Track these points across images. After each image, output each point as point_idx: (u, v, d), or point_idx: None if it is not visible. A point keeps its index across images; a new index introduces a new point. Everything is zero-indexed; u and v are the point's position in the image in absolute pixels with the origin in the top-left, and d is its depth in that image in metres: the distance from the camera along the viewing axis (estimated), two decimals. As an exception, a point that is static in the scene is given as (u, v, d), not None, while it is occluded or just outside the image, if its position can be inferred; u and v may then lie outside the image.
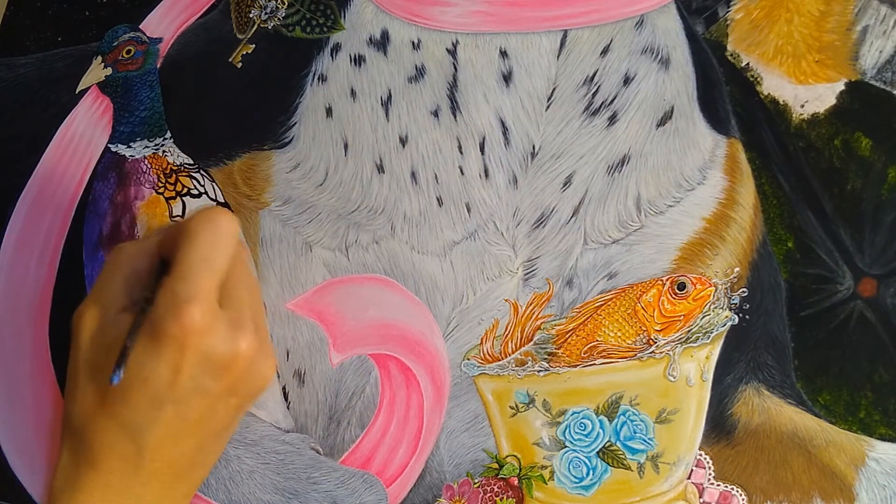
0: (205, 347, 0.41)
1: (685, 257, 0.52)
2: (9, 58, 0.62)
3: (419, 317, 0.54)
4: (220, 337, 0.41)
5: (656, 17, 0.55)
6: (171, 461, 0.43)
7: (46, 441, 0.56)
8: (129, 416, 0.41)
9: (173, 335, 0.40)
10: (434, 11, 0.57)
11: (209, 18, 0.60)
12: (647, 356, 0.51)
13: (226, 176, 0.58)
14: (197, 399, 0.42)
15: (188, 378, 0.41)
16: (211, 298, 0.42)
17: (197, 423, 0.42)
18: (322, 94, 0.57)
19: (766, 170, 0.52)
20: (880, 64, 0.52)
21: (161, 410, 0.41)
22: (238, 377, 0.43)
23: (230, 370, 0.42)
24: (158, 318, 0.41)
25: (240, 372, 0.43)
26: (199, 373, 0.41)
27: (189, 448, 0.43)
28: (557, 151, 0.54)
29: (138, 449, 0.42)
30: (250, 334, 0.43)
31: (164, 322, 0.40)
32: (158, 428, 0.41)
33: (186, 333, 0.40)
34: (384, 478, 0.53)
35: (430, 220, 0.55)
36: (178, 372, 0.41)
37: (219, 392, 0.42)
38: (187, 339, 0.40)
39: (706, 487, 0.50)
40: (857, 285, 0.51)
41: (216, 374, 0.42)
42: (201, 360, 0.41)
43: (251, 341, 0.43)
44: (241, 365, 0.42)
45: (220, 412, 0.43)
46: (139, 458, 0.42)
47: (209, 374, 0.42)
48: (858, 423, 0.50)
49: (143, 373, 0.41)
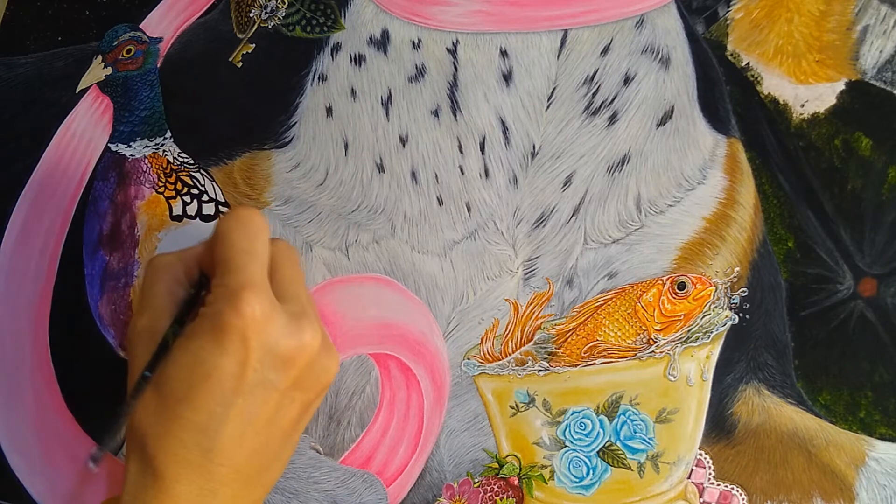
0: (267, 338, 0.40)
1: (685, 257, 0.52)
2: (9, 57, 0.62)
3: (419, 316, 0.54)
4: (282, 327, 0.40)
5: (656, 17, 0.55)
6: (240, 465, 0.41)
7: (47, 445, 0.56)
8: (194, 418, 0.40)
9: (234, 326, 0.39)
10: (434, 11, 0.57)
11: (209, 18, 0.60)
12: (647, 356, 0.51)
13: (226, 175, 0.58)
14: (263, 394, 0.40)
15: (253, 372, 0.40)
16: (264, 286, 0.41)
17: (264, 422, 0.41)
18: (322, 94, 0.57)
19: (767, 169, 0.52)
20: (880, 64, 0.52)
21: (227, 408, 0.40)
22: (303, 371, 0.41)
23: (295, 363, 0.41)
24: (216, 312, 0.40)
25: (305, 365, 0.41)
26: (263, 366, 0.40)
27: (257, 450, 0.42)
28: (558, 151, 0.54)
29: (205, 452, 0.40)
30: (314, 326, 0.42)
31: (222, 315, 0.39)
32: (225, 428, 0.40)
33: (247, 322, 0.39)
34: (384, 477, 0.53)
35: (431, 220, 0.55)
36: (243, 365, 0.40)
37: (284, 387, 0.41)
38: (248, 328, 0.39)
39: (706, 487, 0.50)
40: (857, 285, 0.51)
41: (281, 367, 0.41)
42: (265, 352, 0.40)
43: (315, 332, 0.41)
44: (306, 358, 0.41)
45: (286, 409, 0.42)
46: (207, 462, 0.40)
47: (274, 367, 0.40)
48: (858, 423, 0.50)
49: (205, 369, 0.39)
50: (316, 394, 0.43)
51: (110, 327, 0.57)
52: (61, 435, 0.56)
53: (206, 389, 0.40)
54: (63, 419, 0.56)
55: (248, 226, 0.42)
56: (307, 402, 0.43)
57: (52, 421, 0.56)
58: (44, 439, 0.56)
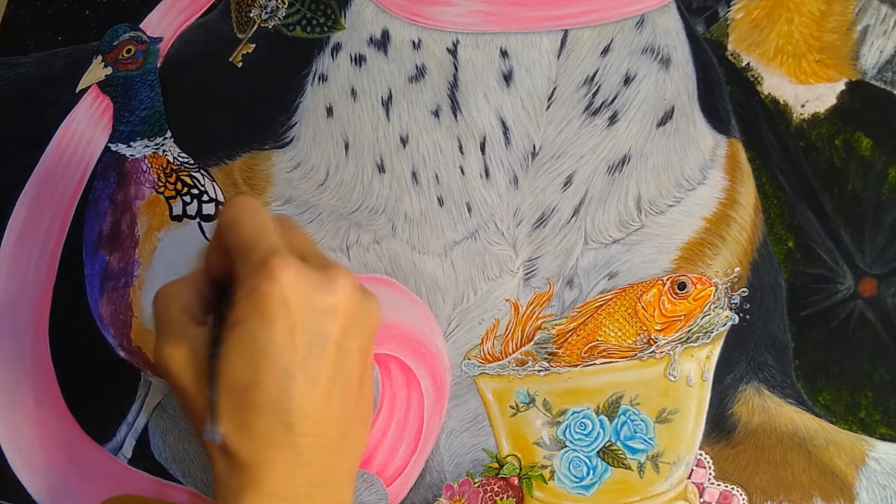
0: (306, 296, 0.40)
1: (685, 257, 0.52)
2: (9, 57, 0.62)
3: (420, 316, 0.54)
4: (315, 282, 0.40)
5: (657, 17, 0.55)
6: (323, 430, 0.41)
7: (47, 445, 0.56)
8: (265, 399, 0.39)
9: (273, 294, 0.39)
10: (434, 11, 0.57)
11: (209, 18, 0.60)
12: (647, 356, 0.51)
13: (226, 175, 0.58)
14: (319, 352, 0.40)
15: (303, 332, 0.40)
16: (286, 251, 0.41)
17: (330, 379, 0.41)
18: (323, 94, 0.57)
19: (767, 169, 0.52)
20: (881, 64, 0.52)
21: (292, 377, 0.39)
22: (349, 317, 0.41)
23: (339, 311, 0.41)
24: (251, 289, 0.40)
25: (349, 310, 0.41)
26: (311, 324, 0.40)
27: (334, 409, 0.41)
28: (558, 151, 0.54)
29: (286, 427, 0.40)
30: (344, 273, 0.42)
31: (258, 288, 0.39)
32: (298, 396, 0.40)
33: (284, 286, 0.39)
34: (384, 477, 0.53)
35: (431, 220, 0.55)
36: (292, 330, 0.39)
37: (336, 338, 0.41)
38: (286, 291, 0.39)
39: (706, 487, 0.50)
40: (857, 285, 0.51)
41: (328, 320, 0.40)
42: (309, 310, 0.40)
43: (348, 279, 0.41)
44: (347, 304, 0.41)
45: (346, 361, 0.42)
46: (291, 436, 0.40)
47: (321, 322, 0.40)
48: (859, 423, 0.50)
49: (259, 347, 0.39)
50: (367, 338, 0.43)
51: (110, 327, 0.57)
52: (61, 435, 0.56)
53: (268, 366, 0.39)
54: (63, 419, 0.56)
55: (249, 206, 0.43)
56: (363, 348, 0.43)
57: (52, 421, 0.56)
58: (44, 439, 0.56)
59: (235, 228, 0.42)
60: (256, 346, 0.39)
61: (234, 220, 0.42)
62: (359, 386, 0.43)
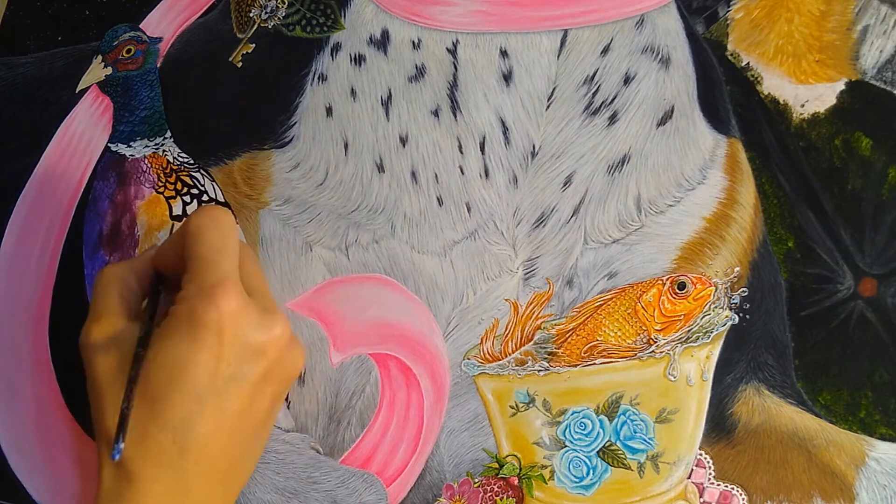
0: (241, 331, 0.40)
1: (685, 257, 0.52)
2: (9, 57, 0.62)
3: (419, 316, 0.54)
4: (254, 321, 0.41)
5: (656, 17, 0.55)
6: (213, 461, 0.42)
7: (47, 445, 0.56)
8: (171, 417, 0.40)
9: (210, 321, 0.40)
10: (434, 11, 0.57)
11: (209, 18, 0.60)
12: (647, 356, 0.51)
13: (226, 175, 0.58)
14: (236, 388, 0.41)
15: (227, 365, 0.40)
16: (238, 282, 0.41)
17: (237, 415, 0.41)
18: (322, 94, 0.57)
19: (767, 169, 0.52)
20: (881, 64, 0.52)
21: (203, 404, 0.40)
22: (273, 363, 0.42)
23: (266, 355, 0.42)
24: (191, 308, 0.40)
25: (275, 357, 0.42)
26: (237, 360, 0.41)
27: (230, 445, 0.42)
28: (558, 151, 0.54)
29: (181, 451, 0.40)
30: (283, 319, 0.42)
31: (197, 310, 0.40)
32: (201, 424, 0.40)
33: (223, 316, 0.40)
34: (384, 477, 0.53)
35: (431, 220, 0.55)
36: (218, 360, 0.40)
37: (255, 379, 0.42)
38: (224, 322, 0.40)
39: (706, 487, 0.50)
40: (857, 285, 0.51)
41: (253, 360, 0.41)
42: (239, 346, 0.41)
43: (285, 326, 0.42)
44: (276, 350, 0.42)
45: (257, 402, 0.42)
46: (182, 461, 0.41)
47: (246, 360, 0.41)
48: (859, 423, 0.50)
49: (181, 366, 0.40)
50: (284, 386, 0.44)
51: (110, 327, 0.57)
52: (61, 435, 0.56)
53: (182, 386, 0.40)
54: (63, 419, 0.56)
55: (220, 224, 0.43)
56: (276, 394, 0.44)
57: (52, 421, 0.56)
58: (44, 439, 0.56)
59: (198, 240, 0.42)
60: (178, 364, 0.40)
61: (199, 230, 0.43)
62: (261, 427, 0.44)
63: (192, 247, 0.42)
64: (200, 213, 0.43)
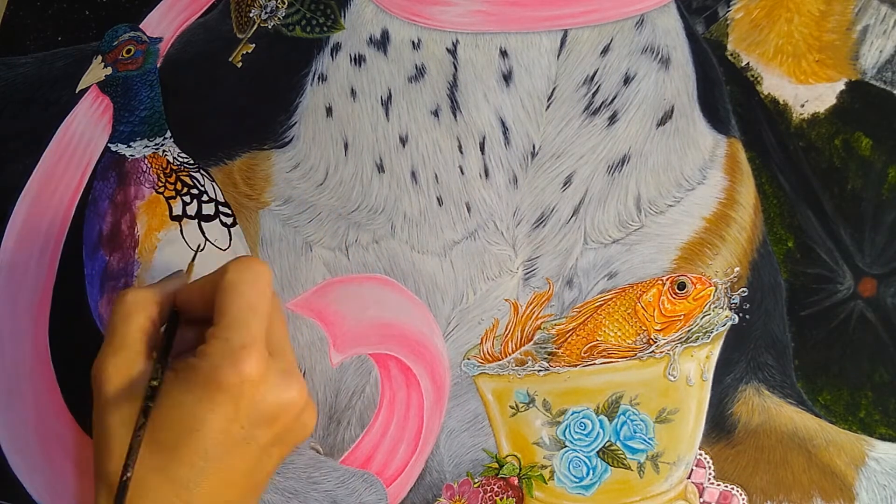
0: (259, 397, 0.40)
1: (685, 257, 0.52)
2: (9, 57, 0.62)
3: (419, 316, 0.54)
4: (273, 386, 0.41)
5: (656, 17, 0.55)
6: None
7: (47, 445, 0.56)
8: (177, 472, 0.40)
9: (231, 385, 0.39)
10: (434, 11, 0.57)
11: (209, 18, 0.60)
12: (647, 356, 0.51)
13: (226, 175, 0.58)
14: (245, 450, 0.41)
15: (239, 428, 0.40)
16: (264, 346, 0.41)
17: (243, 475, 0.41)
18: (322, 94, 0.57)
19: (767, 169, 0.52)
20: (880, 63, 0.52)
21: (210, 462, 0.40)
22: (286, 427, 0.42)
23: (280, 420, 0.42)
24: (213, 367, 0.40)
25: (288, 422, 0.42)
26: (251, 423, 0.41)
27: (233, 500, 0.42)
28: (557, 151, 0.54)
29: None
30: (301, 383, 0.42)
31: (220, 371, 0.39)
32: (207, 482, 0.40)
33: (244, 381, 0.40)
34: (384, 477, 0.53)
35: (431, 220, 0.55)
36: (231, 422, 0.40)
37: (266, 442, 0.42)
38: (244, 387, 0.40)
39: (706, 487, 0.50)
40: (857, 285, 0.51)
41: (267, 424, 0.41)
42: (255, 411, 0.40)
43: (301, 389, 0.42)
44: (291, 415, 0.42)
45: (264, 463, 0.42)
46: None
47: (260, 425, 0.41)
48: (858, 423, 0.50)
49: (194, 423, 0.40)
50: (292, 448, 0.44)
51: (110, 327, 0.57)
52: (61, 435, 0.56)
53: (193, 444, 0.40)
54: (63, 419, 0.56)
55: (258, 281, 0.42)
56: (283, 455, 0.44)
57: (52, 421, 0.56)
58: (44, 439, 0.56)
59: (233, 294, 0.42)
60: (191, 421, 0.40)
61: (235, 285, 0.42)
62: (262, 484, 0.44)
63: (225, 300, 0.42)
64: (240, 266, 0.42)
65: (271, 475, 0.45)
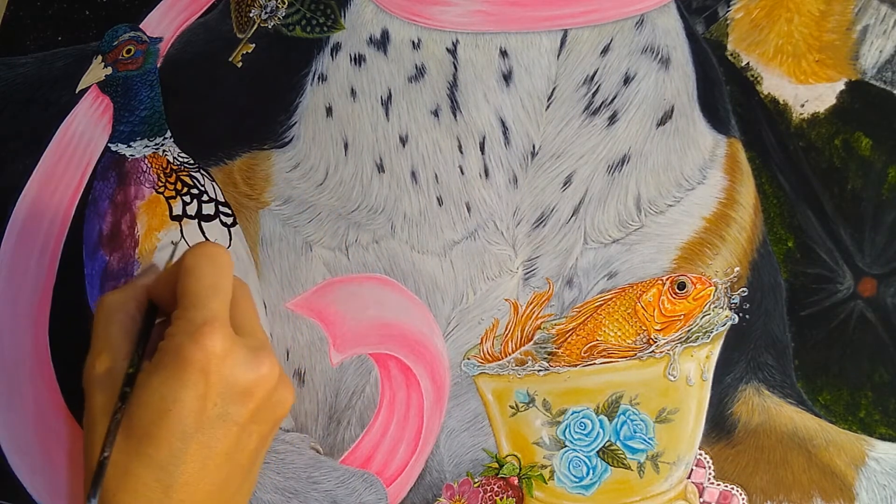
0: (228, 372, 0.40)
1: (685, 257, 0.52)
2: (9, 57, 0.62)
3: (419, 316, 0.54)
4: (241, 361, 0.41)
5: (656, 17, 0.55)
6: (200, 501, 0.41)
7: (47, 445, 0.56)
8: (155, 455, 0.40)
9: (196, 360, 0.40)
10: (434, 11, 0.57)
11: (209, 18, 0.60)
12: (647, 356, 0.51)
13: (226, 175, 0.58)
14: (222, 428, 0.41)
15: (213, 405, 0.40)
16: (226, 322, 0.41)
17: (223, 455, 0.41)
18: (322, 94, 0.57)
19: (767, 169, 0.52)
20: (880, 63, 0.52)
21: (188, 443, 0.40)
22: (261, 403, 0.42)
23: (253, 396, 0.41)
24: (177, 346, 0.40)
25: (262, 397, 0.42)
26: (223, 399, 0.41)
27: (217, 485, 0.42)
28: (557, 151, 0.54)
29: (166, 489, 0.40)
30: (272, 359, 0.42)
31: (183, 349, 0.40)
32: (186, 463, 0.40)
33: (209, 357, 0.40)
34: (384, 477, 0.53)
35: (430, 220, 0.55)
36: (203, 399, 0.40)
37: (243, 420, 0.42)
38: (210, 362, 0.40)
39: (706, 487, 0.50)
40: (857, 285, 0.51)
41: (240, 400, 0.41)
42: (225, 386, 0.40)
43: (273, 365, 0.42)
44: (264, 390, 0.42)
45: (244, 442, 0.42)
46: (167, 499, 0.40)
47: (233, 401, 0.41)
48: (858, 423, 0.50)
49: (165, 404, 0.40)
50: (272, 426, 0.44)
51: (110, 327, 0.57)
52: (61, 435, 0.56)
53: (167, 424, 0.40)
54: (63, 419, 0.56)
55: (215, 261, 0.43)
56: (264, 434, 0.44)
57: (52, 421, 0.56)
58: (44, 439, 0.56)
59: (191, 276, 0.42)
60: (163, 401, 0.40)
61: (194, 268, 0.43)
62: (249, 466, 0.44)
63: (184, 282, 0.42)
64: (196, 249, 0.43)
65: (258, 458, 0.45)
